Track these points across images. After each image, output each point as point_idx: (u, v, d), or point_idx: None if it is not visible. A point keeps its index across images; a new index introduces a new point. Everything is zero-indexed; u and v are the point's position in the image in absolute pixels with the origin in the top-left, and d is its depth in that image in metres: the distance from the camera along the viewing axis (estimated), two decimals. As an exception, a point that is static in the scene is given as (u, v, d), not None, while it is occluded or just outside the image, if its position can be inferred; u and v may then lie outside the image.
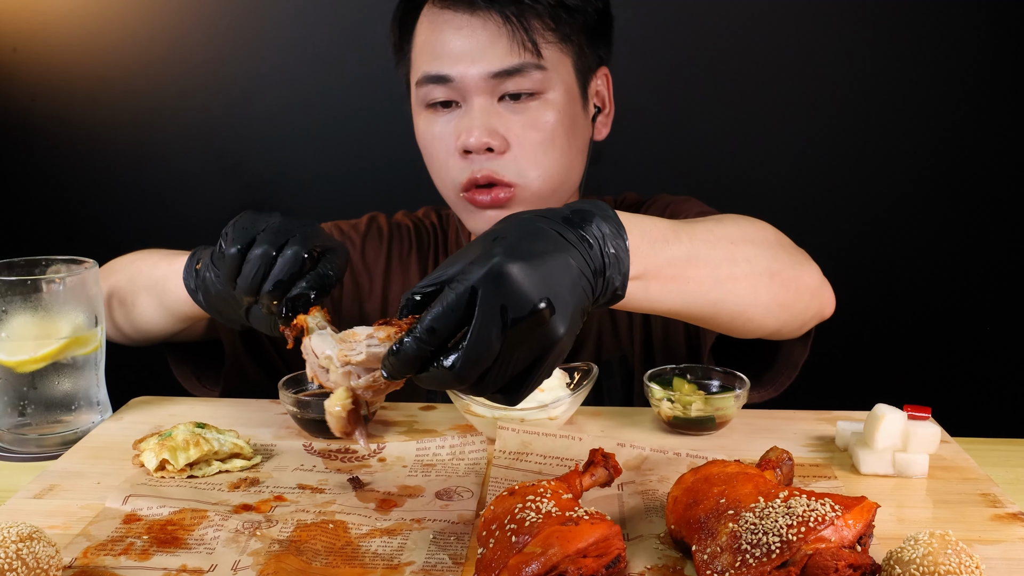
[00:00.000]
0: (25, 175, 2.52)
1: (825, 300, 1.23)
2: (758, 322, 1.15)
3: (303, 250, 1.05)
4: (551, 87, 1.37)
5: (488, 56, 1.34)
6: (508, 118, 1.36)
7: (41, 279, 1.19)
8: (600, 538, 0.83)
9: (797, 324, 1.22)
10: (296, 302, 1.03)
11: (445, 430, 1.23)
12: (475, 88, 1.35)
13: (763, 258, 1.12)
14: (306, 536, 0.94)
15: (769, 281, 1.12)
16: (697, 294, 1.05)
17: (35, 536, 0.83)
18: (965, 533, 0.95)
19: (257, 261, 1.05)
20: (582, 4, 1.41)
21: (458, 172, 1.38)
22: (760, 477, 0.91)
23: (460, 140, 1.36)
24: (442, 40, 1.36)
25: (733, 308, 1.10)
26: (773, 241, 1.17)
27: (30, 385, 1.21)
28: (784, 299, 1.15)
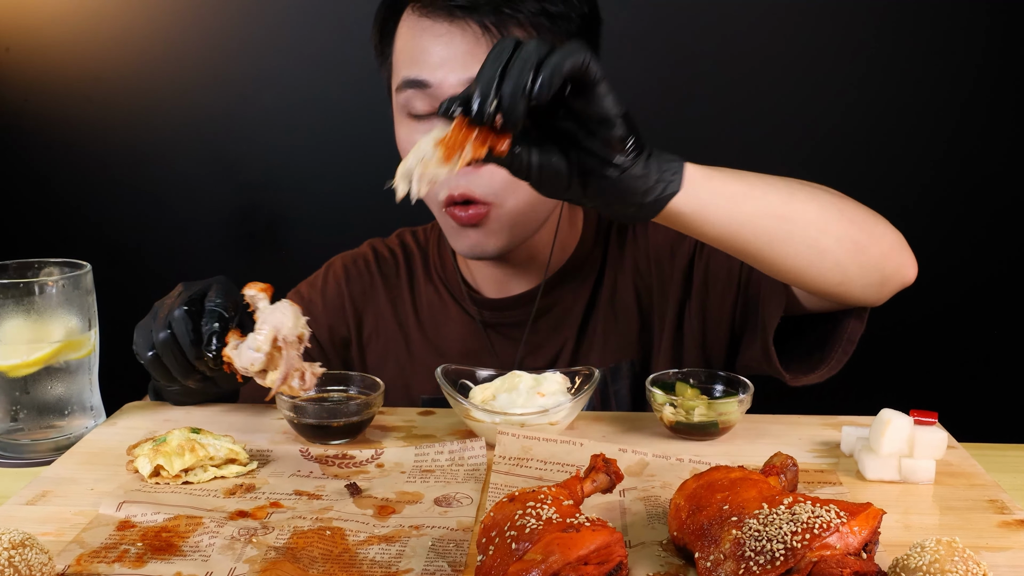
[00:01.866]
0: (18, 176, 2.53)
1: (906, 261, 1.24)
2: (832, 256, 1.16)
3: (186, 315, 1.17)
4: None
5: (467, 65, 1.32)
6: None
7: (34, 282, 1.19)
8: (601, 545, 0.83)
9: (876, 277, 1.21)
10: (211, 350, 1.16)
11: (444, 436, 1.23)
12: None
13: (828, 198, 1.18)
14: (303, 543, 0.94)
15: (839, 216, 1.17)
16: (763, 203, 1.12)
17: (28, 543, 0.83)
18: (972, 540, 0.95)
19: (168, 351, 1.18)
20: (566, 11, 1.37)
21: (438, 187, 1.37)
22: (764, 483, 0.91)
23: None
24: (421, 47, 1.35)
25: (806, 230, 1.14)
26: (835, 194, 1.21)
27: (23, 390, 1.21)
28: (857, 238, 1.18)
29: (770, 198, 1.14)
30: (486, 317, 1.53)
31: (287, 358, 1.09)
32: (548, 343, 1.51)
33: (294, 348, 1.09)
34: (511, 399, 1.20)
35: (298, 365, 1.09)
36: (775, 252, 1.16)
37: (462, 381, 1.25)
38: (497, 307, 1.53)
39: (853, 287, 1.22)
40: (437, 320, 1.56)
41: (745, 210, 1.12)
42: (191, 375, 1.21)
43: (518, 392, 1.21)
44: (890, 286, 1.25)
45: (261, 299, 1.11)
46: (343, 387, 1.27)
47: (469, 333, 1.54)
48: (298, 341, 1.09)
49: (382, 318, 1.58)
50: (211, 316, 1.17)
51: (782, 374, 1.32)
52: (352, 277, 1.60)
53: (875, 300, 1.26)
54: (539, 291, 1.50)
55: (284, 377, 1.09)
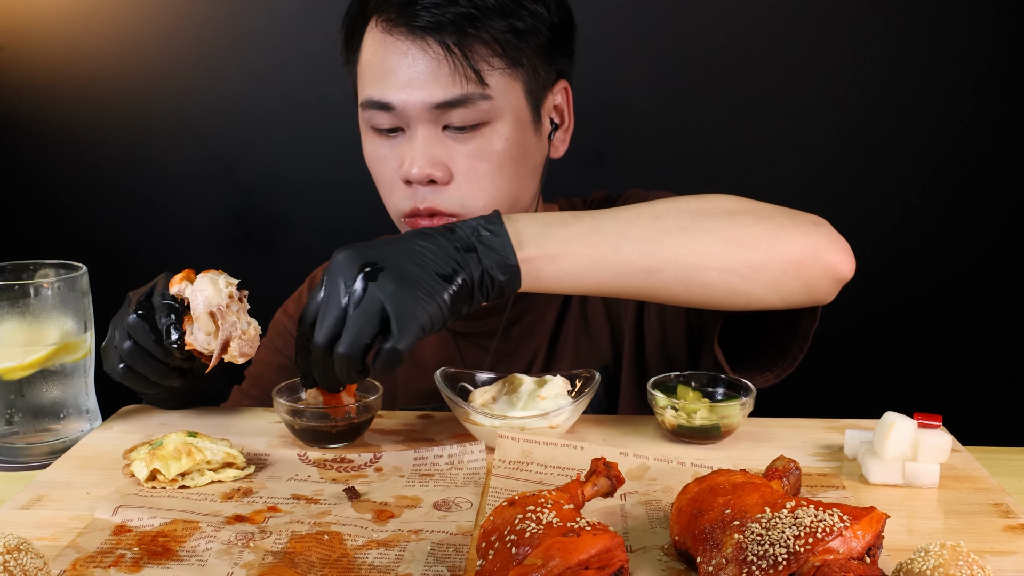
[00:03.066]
0: (12, 177, 2.53)
1: (832, 259, 1.20)
2: (727, 287, 1.16)
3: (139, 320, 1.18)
4: (498, 116, 1.34)
5: (430, 86, 1.31)
6: (452, 147, 1.34)
7: (29, 284, 1.19)
8: (602, 549, 0.83)
9: (799, 286, 1.20)
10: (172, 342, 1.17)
11: (443, 439, 1.23)
12: (417, 117, 1.33)
13: (706, 224, 1.16)
14: (301, 548, 0.94)
15: (721, 243, 1.15)
16: (623, 263, 1.13)
17: (23, 548, 0.83)
18: (977, 544, 0.95)
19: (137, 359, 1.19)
20: (534, 25, 1.35)
21: (401, 200, 1.37)
22: (766, 487, 0.91)
23: (402, 170, 1.35)
24: (385, 64, 1.34)
25: (678, 273, 1.15)
26: (728, 208, 1.19)
27: (17, 393, 1.21)
28: (750, 260, 1.16)
29: (628, 255, 1.14)
30: (457, 327, 1.52)
31: (224, 326, 1.13)
32: (520, 351, 1.51)
33: (231, 313, 1.14)
34: (511, 402, 1.20)
35: (238, 330, 1.14)
36: (658, 297, 1.19)
37: (461, 384, 1.26)
38: (468, 316, 1.50)
39: (771, 301, 1.21)
40: None
41: (603, 278, 1.15)
42: (168, 375, 1.21)
43: (518, 395, 1.21)
44: (822, 288, 1.23)
45: (186, 286, 1.16)
46: (341, 390, 1.27)
47: (442, 343, 1.54)
48: (232, 301, 1.15)
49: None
50: (161, 311, 1.18)
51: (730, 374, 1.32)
52: None
53: (813, 303, 1.25)
54: (510, 299, 1.48)
55: (224, 345, 1.14)
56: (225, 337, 1.14)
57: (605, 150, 2.40)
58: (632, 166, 2.40)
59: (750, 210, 1.20)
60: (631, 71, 2.36)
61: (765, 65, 2.32)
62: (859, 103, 2.32)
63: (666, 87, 2.36)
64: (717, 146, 2.35)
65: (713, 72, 2.34)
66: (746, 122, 2.35)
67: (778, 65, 2.32)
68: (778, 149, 2.35)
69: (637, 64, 2.35)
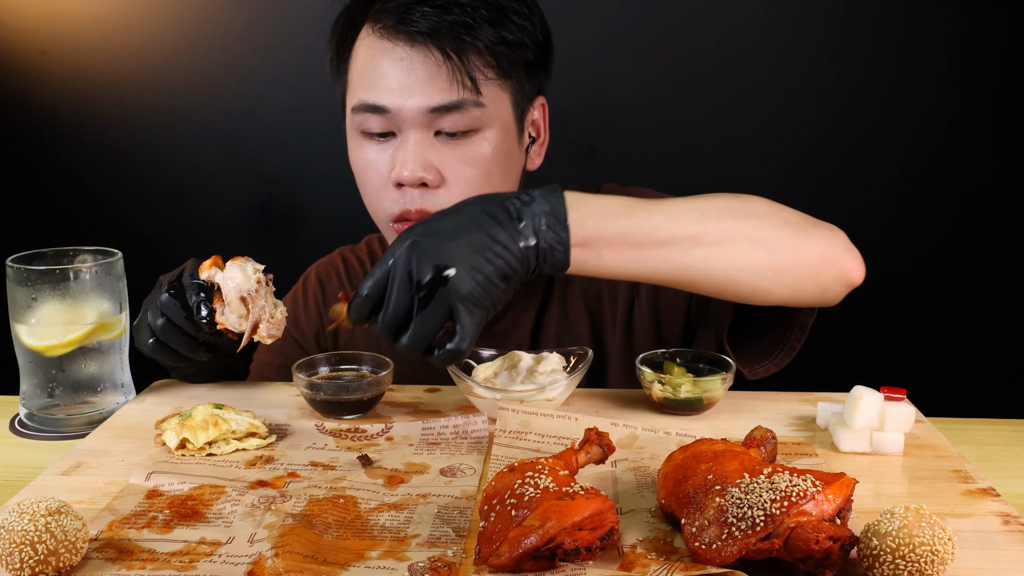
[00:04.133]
0: (54, 171, 2.52)
1: (847, 266, 1.19)
2: (751, 286, 1.15)
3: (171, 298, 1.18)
4: (488, 124, 1.31)
5: (426, 91, 1.27)
6: (444, 152, 1.30)
7: (69, 268, 1.18)
8: (595, 512, 0.83)
9: (814, 290, 1.19)
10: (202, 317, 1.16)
11: (449, 411, 1.23)
12: (411, 121, 1.28)
13: (742, 226, 1.14)
14: (318, 510, 0.94)
15: (751, 247, 1.13)
16: (661, 260, 1.11)
17: (63, 511, 0.82)
18: (938, 507, 0.95)
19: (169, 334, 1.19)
20: (522, 39, 1.33)
21: (390, 203, 1.32)
22: (745, 454, 0.91)
23: (394, 172, 1.29)
24: (380, 70, 1.29)
25: (710, 273, 1.13)
26: (761, 212, 1.17)
27: (58, 368, 1.20)
28: (777, 264, 1.15)
29: (669, 253, 1.12)
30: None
31: (255, 309, 1.13)
32: (504, 346, 1.47)
33: (260, 297, 1.14)
34: (511, 377, 1.20)
35: (263, 315, 1.14)
36: (683, 287, 1.17)
37: (465, 361, 1.25)
38: None
39: (786, 299, 1.20)
40: None
41: (641, 271, 1.13)
42: (197, 349, 1.21)
43: (518, 370, 1.21)
44: (833, 292, 1.21)
45: (215, 272, 1.16)
46: (355, 366, 1.27)
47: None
48: (260, 286, 1.14)
49: (356, 329, 1.50)
50: (192, 289, 1.17)
51: (740, 370, 1.30)
52: (327, 290, 1.56)
53: (823, 304, 1.23)
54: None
55: (253, 328, 1.13)
56: (255, 320, 1.13)
57: (597, 145, 2.39)
58: (622, 160, 2.39)
59: (778, 215, 1.18)
60: (621, 71, 2.35)
61: (747, 66, 2.31)
62: (837, 103, 2.31)
63: (654, 86, 2.35)
64: (701, 142, 2.34)
65: (698, 73, 2.33)
66: (728, 120, 2.34)
67: (759, 66, 2.31)
68: (757, 145, 2.34)
69: (627, 65, 2.34)
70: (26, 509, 0.81)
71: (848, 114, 2.32)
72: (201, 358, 1.23)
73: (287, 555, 0.83)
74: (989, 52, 2.27)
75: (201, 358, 1.23)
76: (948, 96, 2.30)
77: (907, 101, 2.30)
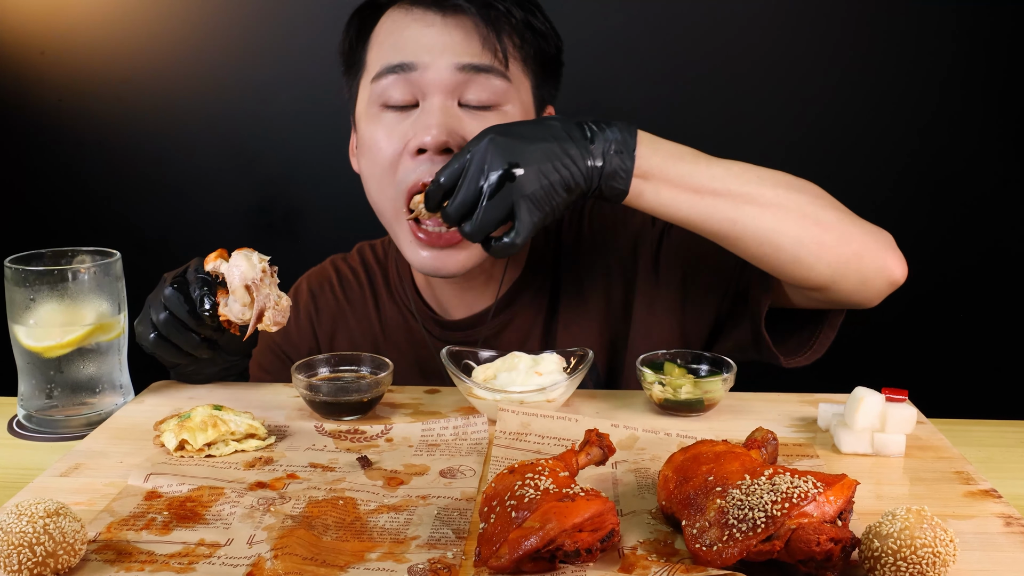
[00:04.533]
0: (53, 171, 2.52)
1: (890, 262, 1.21)
2: (794, 255, 1.18)
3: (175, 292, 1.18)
4: (510, 100, 1.30)
5: (457, 50, 1.27)
6: (466, 122, 1.28)
7: (67, 269, 1.18)
8: (595, 513, 0.82)
9: (855, 278, 1.20)
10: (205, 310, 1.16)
11: (449, 412, 1.23)
12: (437, 83, 1.27)
13: (796, 199, 1.19)
14: (317, 512, 0.93)
15: (799, 218, 1.17)
16: (713, 208, 1.17)
17: (61, 512, 0.82)
18: (940, 509, 0.95)
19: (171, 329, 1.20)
20: (546, 31, 1.35)
21: (406, 173, 1.29)
22: (746, 456, 0.91)
23: (416, 139, 1.27)
24: (408, 35, 1.29)
25: (758, 232, 1.17)
26: (815, 192, 1.21)
27: (56, 369, 1.20)
28: (822, 239, 1.18)
29: (722, 206, 1.17)
30: (447, 337, 1.45)
31: (259, 298, 1.14)
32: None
33: (265, 286, 1.15)
34: (511, 378, 1.20)
35: (268, 304, 1.15)
36: (729, 244, 1.20)
37: (465, 361, 1.25)
38: (458, 327, 1.46)
39: (824, 282, 1.20)
40: (406, 340, 1.49)
41: (693, 216, 1.18)
42: (199, 346, 1.21)
43: (517, 372, 1.20)
44: (874, 286, 1.22)
45: (221, 263, 1.17)
46: (354, 367, 1.27)
47: (429, 355, 1.47)
48: (265, 275, 1.15)
49: (353, 340, 1.51)
50: (195, 283, 1.18)
51: (776, 356, 1.31)
52: (319, 303, 1.54)
53: (863, 300, 1.24)
54: (491, 310, 1.44)
55: (259, 316, 1.14)
56: (260, 307, 1.14)
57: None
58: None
59: (831, 200, 1.22)
60: (621, 72, 2.35)
61: (747, 67, 2.31)
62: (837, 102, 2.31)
63: (654, 87, 2.35)
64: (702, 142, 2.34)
65: (698, 73, 2.33)
66: (728, 121, 2.34)
67: (759, 67, 2.31)
68: (757, 146, 2.34)
69: (627, 66, 2.34)
70: (24, 511, 0.81)
71: (848, 116, 2.32)
72: (202, 355, 1.23)
73: (286, 557, 0.83)
74: (989, 53, 2.26)
75: (202, 355, 1.23)
76: (949, 97, 2.30)
77: (907, 102, 2.30)
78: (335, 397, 1.18)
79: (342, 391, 1.18)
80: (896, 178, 2.34)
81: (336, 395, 1.18)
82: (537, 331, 1.45)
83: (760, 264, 1.21)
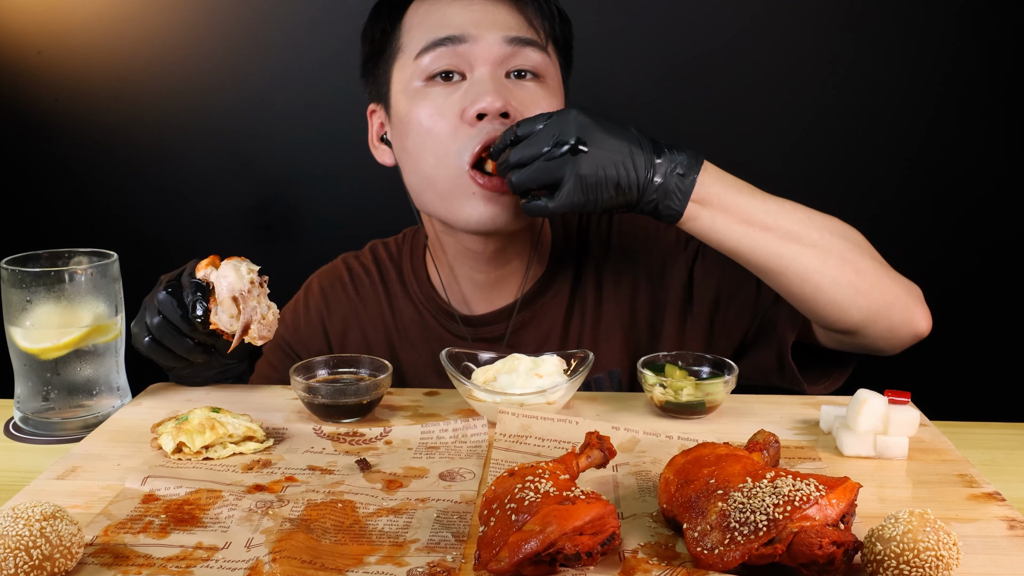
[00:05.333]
0: (49, 171, 2.52)
1: (917, 314, 1.27)
2: (831, 297, 1.22)
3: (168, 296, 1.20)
4: (549, 76, 1.35)
5: (503, 25, 1.31)
6: (516, 92, 1.31)
7: (64, 270, 1.18)
8: (596, 517, 0.82)
9: (884, 325, 1.25)
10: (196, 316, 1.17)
11: (448, 415, 1.23)
12: (487, 55, 1.30)
13: (839, 245, 1.23)
14: (316, 515, 0.93)
15: (840, 262, 1.22)
16: (763, 242, 1.21)
17: (58, 515, 0.82)
18: (943, 512, 0.95)
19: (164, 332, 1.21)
20: (566, 19, 1.40)
21: (467, 141, 1.28)
22: (748, 458, 0.91)
23: (475, 105, 1.28)
24: (452, 12, 1.32)
25: (800, 270, 1.21)
26: (855, 239, 1.26)
27: (53, 371, 1.20)
28: (859, 285, 1.22)
29: (771, 241, 1.21)
30: (466, 333, 1.46)
31: (246, 310, 1.14)
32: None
33: (252, 298, 1.15)
34: (511, 380, 1.20)
35: (258, 314, 1.15)
36: (771, 279, 1.25)
37: (465, 363, 1.25)
38: (480, 323, 1.47)
39: (857, 325, 1.25)
40: (422, 337, 1.49)
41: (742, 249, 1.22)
42: (192, 351, 1.22)
43: (517, 374, 1.20)
44: (900, 336, 1.28)
45: (211, 271, 1.17)
46: (353, 369, 1.27)
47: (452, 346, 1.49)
48: (253, 287, 1.15)
49: (366, 338, 1.51)
50: (189, 288, 1.19)
51: (801, 383, 1.34)
52: (331, 300, 1.53)
53: (886, 348, 1.30)
54: (516, 306, 1.45)
55: (244, 327, 1.15)
56: (246, 320, 1.14)
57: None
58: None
59: (869, 249, 1.27)
60: (621, 71, 2.35)
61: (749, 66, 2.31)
62: (836, 105, 2.31)
63: (654, 87, 2.35)
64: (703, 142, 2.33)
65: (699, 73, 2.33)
66: (730, 120, 2.34)
67: (761, 66, 2.31)
68: (758, 146, 2.34)
69: (627, 65, 2.34)
70: (21, 514, 0.81)
71: (851, 116, 2.32)
72: (196, 359, 1.23)
73: (285, 560, 0.83)
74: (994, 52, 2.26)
75: (196, 359, 1.23)
76: (952, 97, 2.30)
77: (911, 102, 2.30)
78: (334, 399, 1.18)
79: (341, 393, 1.18)
80: (900, 178, 2.34)
81: (335, 397, 1.18)
82: (557, 332, 1.46)
83: (796, 301, 1.26)
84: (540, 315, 1.46)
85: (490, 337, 1.46)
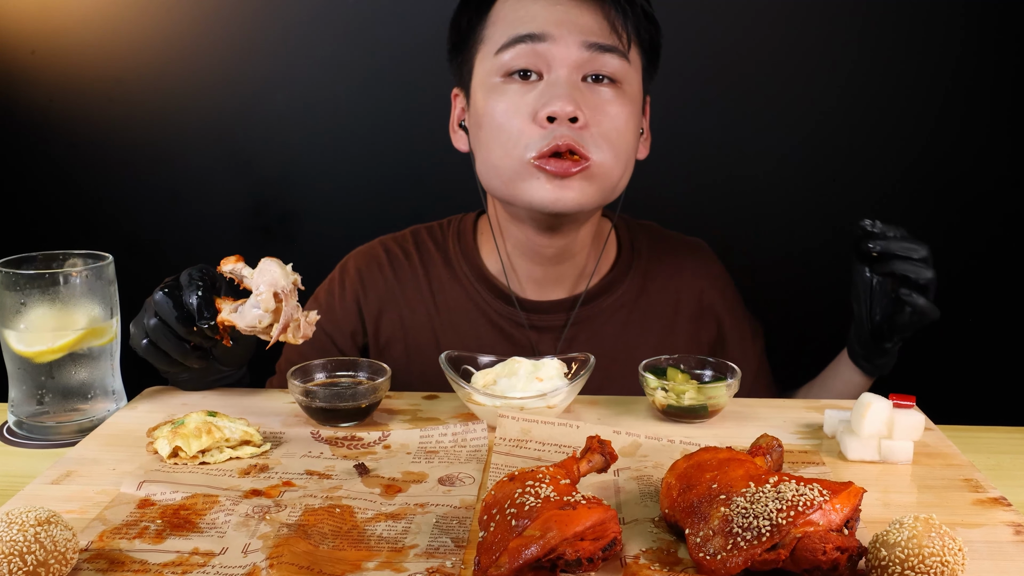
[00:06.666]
0: (44, 172, 2.52)
1: None
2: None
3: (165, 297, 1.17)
4: (627, 81, 1.36)
5: (585, 29, 1.32)
6: (589, 97, 1.33)
7: (59, 273, 1.18)
8: (597, 522, 0.83)
9: None
10: (204, 320, 1.15)
11: (448, 418, 1.23)
12: (565, 57, 1.32)
13: None
14: (314, 520, 0.94)
15: None
16: None
17: (52, 520, 0.82)
18: (948, 517, 0.95)
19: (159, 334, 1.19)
20: (656, 22, 1.41)
21: (535, 140, 1.31)
22: (751, 463, 0.91)
23: (546, 108, 1.30)
24: (537, 9, 1.34)
25: None
26: None
27: (48, 375, 1.20)
28: None
29: None
30: (523, 318, 1.48)
31: (287, 309, 1.12)
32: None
33: (292, 297, 1.13)
34: (511, 384, 1.20)
35: (296, 314, 1.13)
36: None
37: (464, 367, 1.25)
38: (534, 309, 1.49)
39: None
40: (467, 320, 1.50)
41: None
42: (188, 355, 1.21)
43: (518, 377, 1.21)
44: None
45: (242, 267, 1.15)
46: (351, 373, 1.27)
47: (505, 332, 1.49)
48: (293, 288, 1.14)
49: (403, 320, 1.51)
50: (190, 290, 1.17)
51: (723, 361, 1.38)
52: (367, 281, 1.54)
53: None
54: (580, 298, 1.48)
55: (284, 326, 1.12)
56: (287, 319, 1.13)
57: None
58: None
59: None
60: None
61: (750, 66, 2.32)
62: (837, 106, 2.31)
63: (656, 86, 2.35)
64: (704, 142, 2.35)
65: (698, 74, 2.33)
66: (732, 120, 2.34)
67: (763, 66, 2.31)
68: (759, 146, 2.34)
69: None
70: (15, 519, 0.81)
71: (854, 117, 2.32)
72: (192, 364, 1.23)
73: (282, 566, 0.83)
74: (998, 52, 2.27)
75: (192, 364, 1.23)
76: (956, 97, 2.30)
77: (913, 102, 2.30)
78: (331, 403, 1.18)
79: (339, 397, 1.18)
80: (902, 179, 2.34)
81: (332, 401, 1.18)
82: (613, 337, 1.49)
83: None
84: (600, 316, 1.49)
85: (542, 326, 1.48)
